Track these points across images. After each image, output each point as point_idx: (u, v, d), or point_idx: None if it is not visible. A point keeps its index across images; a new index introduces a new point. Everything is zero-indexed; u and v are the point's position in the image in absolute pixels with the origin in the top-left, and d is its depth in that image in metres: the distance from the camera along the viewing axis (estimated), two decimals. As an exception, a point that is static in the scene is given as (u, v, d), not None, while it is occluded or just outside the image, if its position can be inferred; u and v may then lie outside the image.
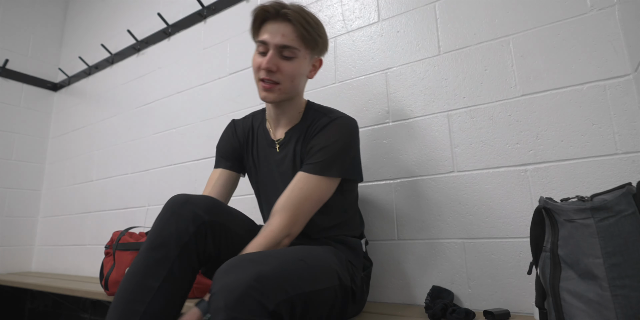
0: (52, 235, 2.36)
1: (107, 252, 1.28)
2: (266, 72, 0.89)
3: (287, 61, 0.90)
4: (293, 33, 0.89)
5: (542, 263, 0.71)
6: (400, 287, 1.11)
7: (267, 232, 0.82)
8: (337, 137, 0.91)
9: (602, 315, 0.61)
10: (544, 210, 0.71)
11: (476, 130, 1.07)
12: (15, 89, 2.47)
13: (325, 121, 0.94)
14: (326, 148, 0.90)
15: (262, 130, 1.04)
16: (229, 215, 0.86)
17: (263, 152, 1.02)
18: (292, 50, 0.90)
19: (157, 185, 1.84)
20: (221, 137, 1.11)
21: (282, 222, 0.83)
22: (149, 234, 0.78)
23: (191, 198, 0.81)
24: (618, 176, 0.88)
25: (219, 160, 1.07)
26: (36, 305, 2.35)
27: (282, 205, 0.85)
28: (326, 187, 0.89)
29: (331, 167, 0.89)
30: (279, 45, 0.89)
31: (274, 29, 0.89)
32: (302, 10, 0.91)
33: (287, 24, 0.89)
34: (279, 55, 0.90)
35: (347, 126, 0.94)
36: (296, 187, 0.87)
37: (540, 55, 1.01)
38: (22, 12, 2.56)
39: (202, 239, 0.78)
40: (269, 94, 0.91)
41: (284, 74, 0.90)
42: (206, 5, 1.84)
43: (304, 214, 0.87)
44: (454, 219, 1.06)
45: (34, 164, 2.51)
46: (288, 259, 0.70)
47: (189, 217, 0.77)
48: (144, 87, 2.07)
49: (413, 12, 1.24)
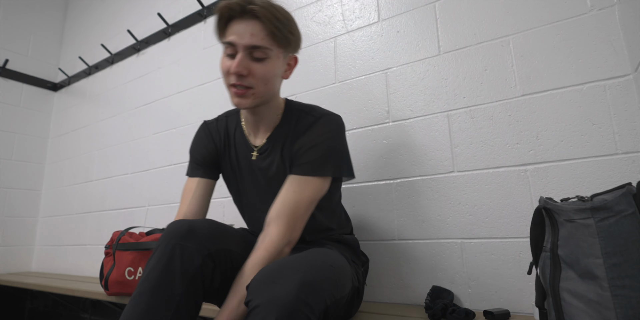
0: (52, 235, 2.36)
1: (107, 252, 1.28)
2: (236, 77, 0.82)
3: (258, 63, 0.82)
4: (262, 31, 0.81)
5: (542, 263, 0.71)
6: (400, 287, 1.11)
7: (267, 244, 0.78)
8: (325, 136, 0.87)
9: (602, 315, 0.61)
10: (544, 210, 0.71)
11: (476, 130, 1.07)
12: (15, 89, 2.47)
13: (310, 120, 0.89)
14: (315, 147, 0.86)
15: (239, 134, 0.97)
16: (230, 237, 0.82)
17: (244, 159, 0.95)
18: (263, 50, 0.81)
19: (157, 185, 1.84)
20: (194, 142, 1.03)
21: (280, 231, 0.79)
22: (150, 265, 0.71)
23: (194, 226, 0.76)
24: (618, 176, 0.88)
25: (194, 168, 0.99)
26: (36, 305, 2.35)
27: (277, 212, 0.81)
28: (319, 188, 0.85)
29: (322, 166, 0.85)
30: (248, 46, 0.80)
31: (240, 28, 0.81)
32: (271, 5, 0.82)
33: (256, 22, 0.81)
34: (249, 57, 0.82)
35: (334, 123, 0.89)
36: (289, 191, 0.83)
37: (540, 55, 1.01)
38: (22, 12, 2.56)
39: (209, 271, 0.74)
40: (243, 100, 0.84)
41: (257, 77, 0.83)
42: (206, 5, 1.84)
43: (301, 218, 0.83)
44: (453, 219, 1.06)
45: (34, 164, 2.51)
46: (321, 266, 0.67)
47: (193, 249, 0.72)
48: (144, 87, 2.07)
49: (413, 12, 1.24)
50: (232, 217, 1.53)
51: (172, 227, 0.75)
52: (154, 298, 0.68)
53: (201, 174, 0.97)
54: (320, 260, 0.69)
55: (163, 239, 0.74)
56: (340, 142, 0.90)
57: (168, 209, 1.77)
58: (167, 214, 1.77)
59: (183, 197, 0.96)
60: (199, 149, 1.00)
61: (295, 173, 0.85)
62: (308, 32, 1.47)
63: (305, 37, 1.48)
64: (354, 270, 0.87)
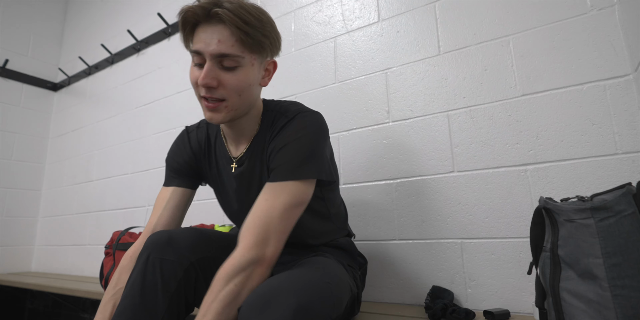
0: (52, 235, 2.36)
1: (107, 252, 1.28)
2: (206, 89, 0.73)
3: (229, 73, 0.74)
4: (231, 37, 0.72)
5: (542, 263, 0.71)
6: (400, 287, 1.11)
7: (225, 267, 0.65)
8: (297, 134, 0.76)
9: (602, 315, 0.61)
10: (544, 210, 0.71)
11: (476, 130, 1.07)
12: (15, 89, 2.47)
13: (282, 121, 0.80)
14: (285, 148, 0.76)
15: (220, 144, 0.90)
16: (213, 243, 0.78)
17: (224, 170, 0.89)
18: (234, 58, 0.73)
19: (157, 185, 1.84)
20: (171, 150, 0.95)
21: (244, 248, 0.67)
22: (132, 280, 0.69)
23: (173, 236, 0.72)
24: (618, 176, 0.88)
25: (170, 176, 0.92)
26: (36, 305, 2.35)
27: (246, 226, 0.70)
28: (297, 192, 0.73)
29: (295, 168, 0.74)
30: (215, 55, 0.72)
31: (207, 35, 0.72)
32: (239, 6, 0.72)
33: (223, 27, 0.72)
34: (218, 66, 0.73)
35: (308, 121, 0.79)
36: (260, 200, 0.72)
37: (540, 55, 1.01)
38: (22, 12, 2.56)
39: (191, 282, 0.71)
40: (215, 114, 0.75)
41: (228, 88, 0.74)
42: (206, 5, 1.83)
43: (275, 230, 0.69)
44: (453, 219, 1.06)
45: (34, 164, 2.51)
46: (317, 284, 0.62)
47: (174, 261, 0.70)
48: (144, 87, 2.07)
49: (413, 12, 1.24)
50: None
51: (151, 239, 0.72)
52: (136, 315, 0.66)
53: (177, 184, 0.91)
54: (316, 278, 0.64)
55: (142, 252, 0.71)
56: (315, 140, 0.78)
57: (168, 209, 1.77)
58: (167, 214, 1.77)
59: (155, 208, 0.89)
60: (175, 158, 0.93)
61: (269, 180, 0.75)
62: (308, 32, 1.48)
63: (305, 37, 1.48)
64: (352, 276, 0.85)
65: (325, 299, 0.61)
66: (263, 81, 0.82)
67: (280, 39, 0.82)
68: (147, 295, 0.67)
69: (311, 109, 0.83)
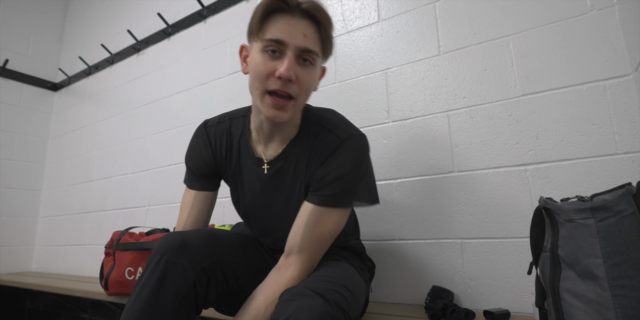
0: (52, 235, 2.36)
1: (107, 252, 1.28)
2: (283, 82, 0.69)
3: (304, 69, 0.72)
4: (315, 35, 0.71)
5: (542, 263, 0.71)
6: (400, 287, 1.11)
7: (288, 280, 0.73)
8: (352, 165, 0.76)
9: (602, 315, 0.61)
10: (544, 210, 0.71)
11: (476, 130, 1.07)
12: (15, 89, 2.47)
13: (334, 142, 0.77)
14: (341, 179, 0.75)
15: (244, 143, 0.86)
16: (225, 246, 0.78)
17: (248, 169, 0.86)
18: (313, 55, 0.71)
19: (157, 185, 1.84)
20: (190, 150, 0.92)
21: (303, 267, 0.75)
22: (142, 282, 0.68)
23: (186, 239, 0.72)
24: (618, 176, 0.88)
25: (192, 178, 0.91)
26: (36, 305, 2.35)
27: (300, 245, 0.75)
28: (342, 219, 0.78)
29: (346, 197, 0.77)
30: (300, 48, 0.70)
31: (291, 25, 0.69)
32: (323, 6, 0.73)
33: (309, 23, 0.71)
34: (296, 60, 0.71)
35: (360, 147, 0.78)
36: (309, 224, 0.75)
37: (540, 55, 1.01)
38: (22, 12, 2.56)
39: (203, 286, 0.71)
40: (282, 112, 0.72)
41: (302, 85, 0.72)
42: (206, 5, 1.84)
43: (322, 252, 0.78)
44: (453, 219, 1.06)
45: (34, 164, 2.51)
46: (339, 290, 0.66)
47: (186, 265, 0.69)
48: (144, 87, 2.07)
49: (413, 12, 1.24)
50: (232, 216, 1.53)
51: (164, 241, 0.71)
52: (145, 318, 0.66)
53: (199, 187, 0.90)
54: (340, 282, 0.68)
55: (155, 254, 0.71)
56: (368, 168, 0.80)
57: (168, 209, 1.77)
58: (167, 213, 1.77)
59: (181, 211, 0.91)
60: (195, 161, 0.90)
61: (316, 203, 0.76)
62: (308, 32, 1.47)
63: (305, 37, 1.47)
64: (363, 279, 0.87)
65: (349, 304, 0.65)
66: (316, 86, 0.80)
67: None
68: (157, 299, 0.67)
69: (357, 129, 0.80)
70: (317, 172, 0.78)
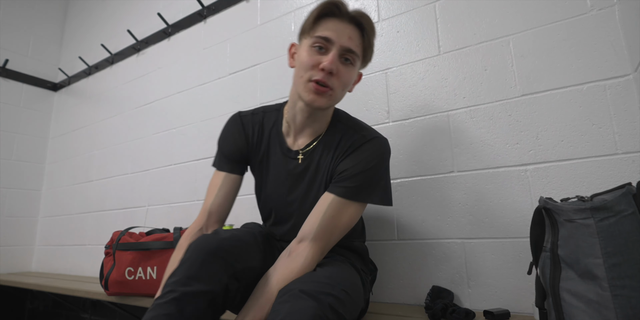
0: (52, 235, 2.36)
1: (107, 252, 1.28)
2: (325, 74, 0.79)
3: (345, 67, 0.82)
4: (359, 39, 0.83)
5: (542, 263, 0.71)
6: (400, 287, 1.11)
7: (302, 264, 0.77)
8: (374, 162, 0.83)
9: (602, 315, 0.61)
10: (544, 210, 0.71)
11: (476, 130, 1.07)
12: (15, 89, 2.47)
13: (359, 141, 0.86)
14: (363, 173, 0.82)
15: (275, 133, 0.94)
16: (252, 252, 0.81)
17: (276, 159, 0.93)
18: (354, 56, 0.82)
19: (157, 185, 1.84)
20: (224, 134, 0.98)
21: (315, 253, 0.78)
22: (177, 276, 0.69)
23: (222, 243, 0.74)
24: (618, 176, 0.88)
25: (222, 161, 0.96)
26: (36, 305, 2.35)
27: (314, 233, 0.79)
28: (357, 213, 0.83)
29: (365, 192, 0.82)
30: (345, 48, 0.80)
31: (339, 28, 0.81)
32: (369, 17, 0.84)
33: (355, 28, 0.82)
34: (339, 57, 0.81)
35: (383, 149, 0.86)
36: (327, 214, 0.80)
37: (540, 55, 1.01)
38: (22, 12, 2.56)
39: (234, 290, 0.73)
40: (320, 98, 0.81)
41: (340, 79, 0.82)
42: (206, 5, 1.84)
43: (333, 242, 0.82)
44: (453, 219, 1.06)
45: (34, 164, 2.51)
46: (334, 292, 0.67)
47: (221, 267, 0.71)
48: (144, 87, 2.07)
49: (413, 12, 1.24)
50: (232, 216, 1.53)
51: (201, 242, 0.74)
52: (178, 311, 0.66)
53: (229, 169, 0.95)
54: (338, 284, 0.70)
55: (192, 252, 0.72)
56: (386, 169, 0.87)
57: (168, 209, 1.77)
58: (167, 213, 1.77)
59: (209, 191, 0.95)
60: (228, 144, 0.96)
61: (337, 194, 0.81)
62: (308, 32, 1.47)
63: (305, 37, 1.48)
64: (363, 281, 0.88)
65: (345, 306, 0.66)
66: (351, 87, 0.90)
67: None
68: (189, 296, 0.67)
69: (382, 134, 0.89)
70: (341, 165, 0.85)
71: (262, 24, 1.63)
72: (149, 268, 1.21)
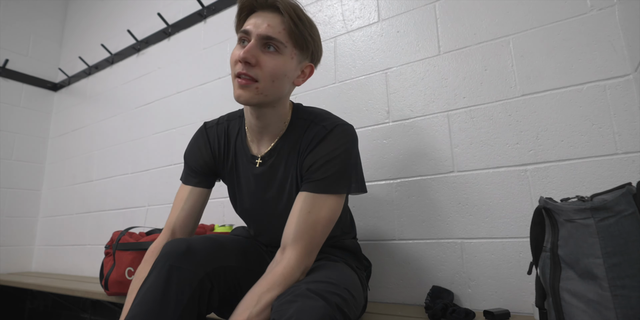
0: (52, 235, 2.36)
1: (107, 252, 1.28)
2: (243, 65, 0.75)
3: (269, 55, 0.76)
4: (280, 25, 0.77)
5: (542, 263, 0.71)
6: (400, 287, 1.11)
7: (283, 269, 0.73)
8: (340, 150, 0.80)
9: (602, 315, 0.61)
10: (544, 210, 0.71)
11: (476, 130, 1.07)
12: (15, 89, 2.47)
13: (321, 132, 0.82)
14: (330, 162, 0.78)
15: (240, 141, 0.91)
16: (228, 252, 0.80)
17: (244, 167, 0.90)
18: (277, 43, 0.76)
19: (157, 185, 1.84)
20: (190, 148, 0.96)
21: (297, 256, 0.74)
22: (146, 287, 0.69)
23: (191, 245, 0.74)
24: (618, 176, 0.88)
25: (190, 175, 0.94)
26: (36, 305, 2.35)
27: (294, 236, 0.75)
28: (336, 206, 0.79)
29: (338, 183, 0.79)
30: (262, 35, 0.75)
31: (259, 19, 0.77)
32: (296, 4, 0.79)
33: (275, 15, 0.77)
34: (260, 47, 0.76)
35: (348, 135, 0.82)
36: (303, 211, 0.77)
37: (540, 55, 1.01)
38: (22, 12, 2.56)
39: (206, 292, 0.72)
40: (244, 91, 0.76)
41: (264, 69, 0.76)
42: (206, 5, 1.84)
43: (317, 241, 0.77)
44: (453, 219, 1.06)
45: (34, 164, 2.51)
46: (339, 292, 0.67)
47: (190, 271, 0.70)
48: (144, 87, 2.07)
49: (413, 12, 1.24)
50: (232, 216, 1.53)
51: (168, 247, 0.73)
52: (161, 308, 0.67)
53: (195, 183, 0.92)
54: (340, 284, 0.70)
55: (159, 259, 0.72)
56: (355, 155, 0.83)
57: (168, 209, 1.77)
58: (167, 213, 1.77)
59: (174, 206, 0.92)
60: (194, 158, 0.94)
61: (309, 190, 0.78)
62: (308, 32, 1.47)
63: (305, 37, 1.47)
64: (360, 278, 0.88)
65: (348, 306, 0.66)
66: (297, 80, 0.84)
67: (322, 50, 0.87)
68: (160, 304, 0.67)
69: (344, 121, 0.85)
70: (307, 160, 0.81)
71: (262, 24, 1.63)
72: (149, 268, 1.21)
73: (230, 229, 1.34)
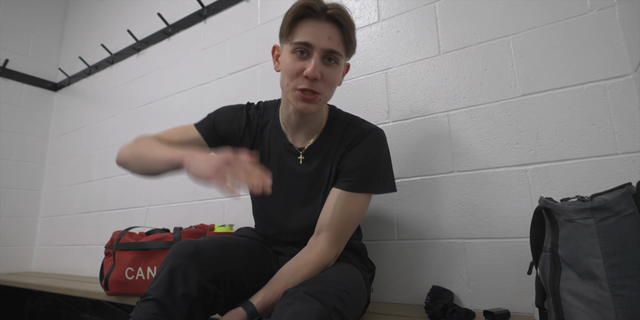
0: (52, 235, 2.36)
1: (107, 252, 1.28)
2: (310, 81, 0.78)
3: (329, 68, 0.80)
4: (339, 37, 0.80)
5: (542, 263, 0.71)
6: (400, 287, 1.11)
7: (319, 251, 0.81)
8: (375, 153, 0.87)
9: (602, 315, 0.61)
10: (544, 210, 0.71)
11: (476, 130, 1.07)
12: (15, 89, 2.47)
13: (359, 135, 0.88)
14: (367, 165, 0.85)
15: (274, 129, 0.94)
16: (234, 254, 0.82)
17: (278, 157, 0.93)
18: (337, 56, 0.80)
19: (157, 185, 1.84)
20: (226, 110, 0.97)
21: (331, 241, 0.82)
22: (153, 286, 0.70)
23: (199, 247, 0.75)
24: (618, 176, 0.88)
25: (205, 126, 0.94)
26: (36, 305, 2.35)
27: (328, 223, 0.83)
28: (366, 204, 0.87)
29: (372, 183, 0.86)
30: (325, 49, 0.78)
31: (317, 30, 0.78)
32: (346, 10, 0.81)
33: (333, 26, 0.79)
34: (321, 59, 0.79)
35: (382, 139, 0.90)
36: (337, 205, 0.83)
37: (540, 55, 1.01)
38: (22, 12, 2.56)
39: (212, 294, 0.74)
40: (310, 105, 0.80)
41: (327, 82, 0.80)
42: (206, 5, 1.84)
43: (348, 234, 0.85)
44: (453, 219, 1.06)
45: (34, 164, 2.50)
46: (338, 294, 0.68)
47: (197, 272, 0.72)
48: (144, 87, 2.07)
49: (413, 12, 1.24)
50: (233, 216, 1.53)
51: (177, 249, 0.75)
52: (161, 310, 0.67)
53: (205, 135, 0.93)
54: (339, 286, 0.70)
55: (167, 259, 0.73)
56: (388, 159, 0.90)
57: (168, 209, 1.77)
58: (167, 213, 1.77)
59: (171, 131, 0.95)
60: (224, 122, 0.94)
61: (345, 189, 0.84)
62: (308, 32, 1.47)
63: (305, 37, 1.47)
64: (364, 279, 0.89)
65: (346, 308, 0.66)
66: (340, 80, 0.88)
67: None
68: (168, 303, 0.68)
69: (376, 125, 0.92)
70: (345, 159, 0.87)
71: (262, 24, 1.63)
72: (149, 268, 1.21)
73: (231, 229, 1.33)
